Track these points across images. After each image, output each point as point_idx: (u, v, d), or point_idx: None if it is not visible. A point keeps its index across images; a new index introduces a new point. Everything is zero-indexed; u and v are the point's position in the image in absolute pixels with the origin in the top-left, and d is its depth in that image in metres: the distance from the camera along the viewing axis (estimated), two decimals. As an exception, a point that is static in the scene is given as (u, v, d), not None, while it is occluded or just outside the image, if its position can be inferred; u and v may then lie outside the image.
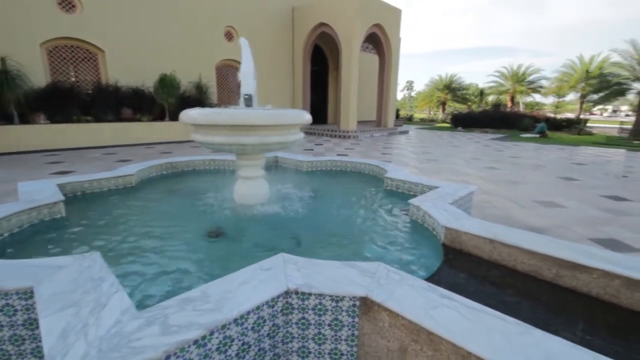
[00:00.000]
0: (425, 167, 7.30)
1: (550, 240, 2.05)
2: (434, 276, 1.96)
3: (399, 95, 63.57)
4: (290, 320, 1.44)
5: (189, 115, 2.73)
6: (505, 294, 1.79)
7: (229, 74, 13.26)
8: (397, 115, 25.14)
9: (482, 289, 1.85)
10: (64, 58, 9.42)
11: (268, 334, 1.38)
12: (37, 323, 1.43)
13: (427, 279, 1.85)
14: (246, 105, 3.21)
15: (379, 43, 15.05)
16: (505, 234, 2.13)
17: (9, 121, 8.11)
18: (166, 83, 10.17)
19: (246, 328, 1.28)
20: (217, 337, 1.19)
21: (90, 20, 9.50)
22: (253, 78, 3.22)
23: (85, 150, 8.73)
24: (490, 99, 32.17)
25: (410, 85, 66.15)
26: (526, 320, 1.24)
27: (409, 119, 32.63)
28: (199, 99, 11.21)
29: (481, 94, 33.40)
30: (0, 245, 2.25)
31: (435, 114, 37.72)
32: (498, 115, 21.49)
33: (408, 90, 66.15)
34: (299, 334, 1.46)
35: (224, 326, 1.20)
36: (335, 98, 17.36)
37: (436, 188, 3.28)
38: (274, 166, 5.31)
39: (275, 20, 14.53)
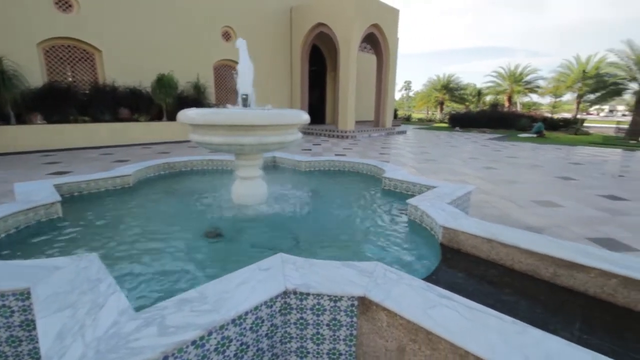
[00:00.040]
0: (423, 167, 7.31)
1: (548, 239, 2.05)
2: (432, 276, 1.96)
3: (397, 95, 63.69)
4: (288, 320, 1.44)
5: (187, 115, 2.72)
6: (503, 293, 1.80)
7: (226, 74, 13.24)
8: (395, 115, 25.16)
9: (480, 288, 1.86)
10: (61, 58, 9.37)
11: (266, 334, 1.38)
12: (34, 324, 1.43)
13: (425, 278, 1.86)
14: (243, 105, 3.21)
15: (377, 43, 15.07)
16: (503, 233, 2.14)
17: (6, 121, 8.07)
18: (164, 83, 10.15)
19: (244, 328, 1.28)
20: (215, 338, 1.18)
21: (87, 20, 9.46)
22: (250, 79, 3.22)
23: (82, 151, 8.69)
24: (488, 99, 32.27)
25: (408, 86, 66.25)
26: (524, 319, 1.25)
27: (407, 119, 32.70)
28: (196, 99, 11.18)
29: (479, 94, 33.48)
30: (-3, 246, 2.23)
31: (433, 114, 37.81)
32: (495, 115, 21.56)
33: (406, 90, 66.27)
34: (298, 334, 1.46)
35: (222, 327, 1.19)
36: (333, 98, 17.38)
37: (434, 188, 3.29)
38: (272, 166, 5.31)
39: (273, 20, 14.52)
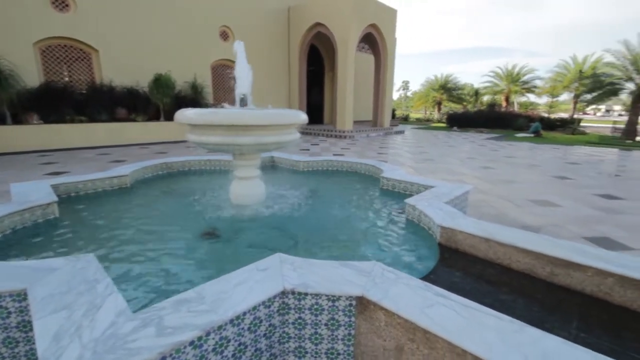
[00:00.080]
0: (421, 167, 7.33)
1: (545, 238, 2.06)
2: (429, 275, 1.97)
3: (395, 95, 63.79)
4: (286, 320, 1.44)
5: (185, 115, 2.72)
6: (500, 292, 1.81)
7: (224, 73, 13.22)
8: (393, 115, 25.24)
9: (478, 287, 1.86)
10: (58, 58, 9.33)
11: (264, 334, 1.38)
12: (31, 325, 1.42)
13: (423, 277, 1.86)
14: (241, 105, 3.21)
15: (375, 43, 15.08)
16: (501, 232, 2.14)
17: (2, 121, 8.02)
18: (161, 83, 10.11)
19: (242, 328, 1.28)
20: (213, 338, 1.18)
21: (84, 20, 9.42)
22: (248, 80, 3.22)
23: (79, 151, 8.65)
24: (486, 99, 32.35)
25: (406, 85, 66.31)
26: (521, 318, 1.25)
27: (405, 119, 32.76)
28: (194, 98, 11.16)
29: (476, 94, 33.57)
30: (-7, 247, 2.22)
31: (431, 113, 37.89)
32: (493, 115, 21.64)
33: (404, 90, 66.33)
34: (296, 334, 1.46)
35: (220, 327, 1.19)
36: (331, 98, 17.38)
37: (432, 187, 3.30)
38: (271, 166, 5.30)
39: (271, 20, 14.51)
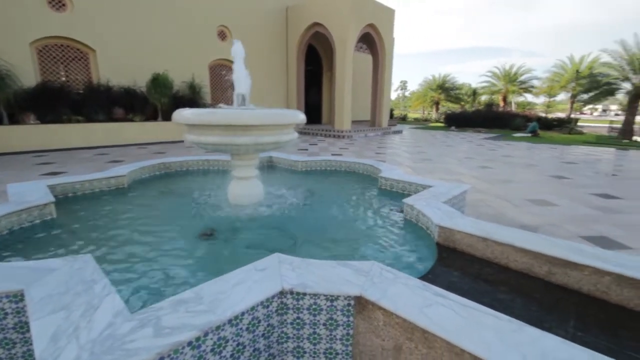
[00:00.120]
0: (419, 167, 7.34)
1: (542, 238, 2.07)
2: (427, 274, 1.97)
3: (393, 95, 63.82)
4: (285, 320, 1.44)
5: (182, 115, 2.71)
6: (498, 291, 1.81)
7: (222, 73, 13.19)
8: (391, 115, 25.27)
9: (476, 286, 1.87)
10: (54, 57, 9.29)
11: (263, 335, 1.38)
12: (28, 326, 1.41)
13: (421, 277, 1.86)
14: (239, 105, 3.20)
15: (373, 43, 15.10)
16: (498, 232, 2.15)
17: (-2, 121, 7.99)
18: (159, 83, 10.09)
19: (241, 329, 1.28)
20: (212, 338, 1.18)
21: (81, 20, 9.38)
22: (246, 80, 3.21)
23: (77, 151, 8.61)
24: (483, 98, 32.45)
25: (404, 85, 66.41)
26: (519, 317, 1.26)
27: (403, 119, 32.82)
28: (192, 98, 11.14)
29: (474, 93, 33.68)
30: (-11, 247, 2.21)
31: (428, 113, 37.97)
32: (491, 115, 21.71)
33: (402, 90, 66.42)
34: (294, 334, 1.46)
35: (218, 327, 1.19)
36: (329, 98, 17.38)
37: (430, 187, 3.30)
38: (269, 166, 5.30)
39: (268, 20, 14.50)
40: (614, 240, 3.24)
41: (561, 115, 26.27)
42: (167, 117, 10.33)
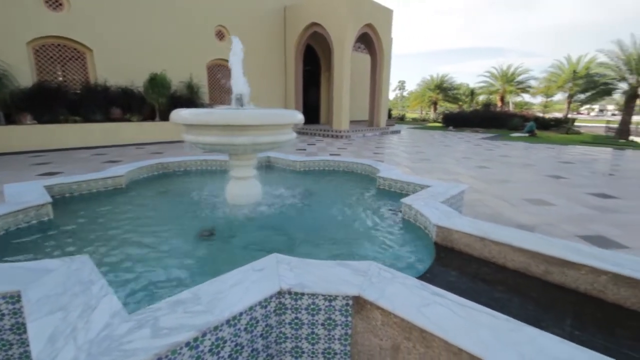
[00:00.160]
0: (417, 167, 7.35)
1: (539, 237, 2.08)
2: (425, 274, 1.98)
3: (391, 95, 63.97)
4: (283, 320, 1.44)
5: (180, 115, 2.70)
6: (496, 290, 1.82)
7: (220, 73, 13.17)
8: (389, 115, 25.30)
9: (473, 286, 1.87)
10: (51, 57, 9.24)
11: (261, 335, 1.38)
12: (25, 327, 1.41)
13: (419, 277, 1.87)
14: (237, 105, 3.19)
15: (371, 43, 15.11)
16: (496, 231, 2.16)
17: (-5, 122, 7.94)
18: (156, 83, 10.05)
19: (239, 329, 1.28)
20: (210, 339, 1.18)
21: (78, 19, 9.34)
22: (243, 78, 3.21)
23: (74, 151, 8.57)
24: (481, 98, 32.55)
25: (402, 85, 66.58)
26: (517, 316, 1.26)
27: (401, 119, 32.87)
28: (190, 98, 11.10)
29: (472, 93, 33.77)
30: (-14, 248, 2.20)
31: (427, 113, 38.02)
32: (488, 115, 21.79)
33: (400, 90, 66.57)
34: (292, 334, 1.46)
35: (216, 327, 1.19)
36: (327, 98, 17.37)
37: (428, 187, 3.31)
38: (267, 166, 5.30)
39: (266, 20, 14.48)
40: (610, 239, 3.26)
41: (558, 115, 26.36)
42: (165, 117, 10.29)
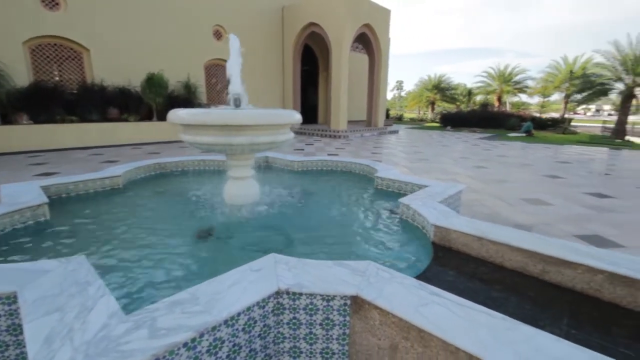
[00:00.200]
0: (415, 167, 7.37)
1: (537, 237, 2.09)
2: (423, 274, 1.98)
3: (389, 95, 64.12)
4: (281, 320, 1.44)
5: (178, 115, 2.69)
6: (493, 290, 1.82)
7: (218, 73, 13.15)
8: (387, 115, 25.32)
9: (471, 285, 1.88)
10: (48, 57, 9.19)
11: (259, 335, 1.38)
12: (21, 329, 1.40)
13: (417, 276, 1.87)
14: (234, 105, 3.19)
15: (369, 43, 15.12)
16: (493, 231, 2.17)
17: (-9, 121, 7.89)
18: (154, 82, 10.02)
19: (237, 329, 1.28)
20: (207, 339, 1.18)
21: (75, 19, 9.30)
22: (241, 77, 3.20)
23: (71, 151, 8.53)
24: (478, 98, 32.66)
25: (400, 85, 66.66)
26: (514, 315, 1.27)
27: (399, 119, 32.95)
28: (187, 98, 11.08)
29: (469, 93, 33.88)
30: (-18, 249, 2.18)
31: (424, 113, 38.12)
32: (486, 115, 21.89)
33: (398, 90, 66.68)
34: (291, 334, 1.46)
35: (214, 328, 1.19)
36: (325, 98, 17.39)
37: (426, 187, 3.32)
38: (265, 166, 5.29)
39: (264, 20, 14.47)
40: (607, 239, 3.28)
41: (555, 115, 26.54)
42: (162, 117, 10.26)
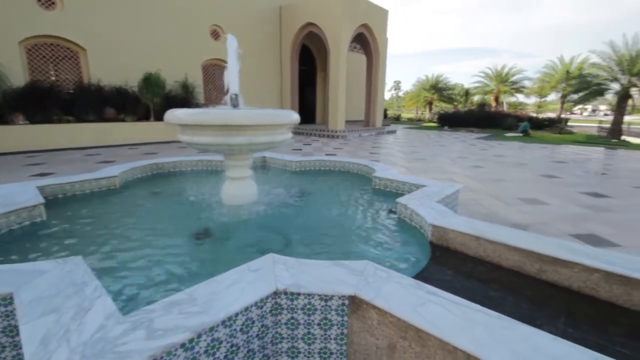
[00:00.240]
0: (413, 166, 7.38)
1: (534, 236, 2.10)
2: (421, 273, 1.98)
3: (387, 95, 64.21)
4: (279, 320, 1.44)
5: (175, 115, 2.68)
6: (490, 289, 1.83)
7: (215, 73, 13.12)
8: (385, 115, 25.40)
9: (469, 285, 1.88)
10: (44, 57, 9.14)
11: (257, 335, 1.38)
12: (17, 330, 1.39)
13: (415, 276, 1.87)
14: (232, 105, 3.18)
15: (367, 43, 15.14)
16: (491, 231, 2.17)
17: (-14, 122, 7.84)
18: (151, 82, 9.99)
19: (235, 330, 1.27)
20: (205, 340, 1.17)
21: (71, 18, 9.25)
22: (238, 78, 3.20)
23: (67, 152, 8.48)
24: (476, 98, 32.78)
25: (397, 85, 66.79)
26: (511, 314, 1.27)
27: (397, 119, 33.02)
28: (185, 98, 11.05)
29: (467, 93, 34.01)
30: (-23, 250, 2.17)
31: (422, 113, 38.22)
32: (483, 115, 21.97)
33: (395, 90, 66.79)
34: (289, 334, 1.45)
35: (211, 328, 1.18)
36: (323, 98, 17.40)
37: (423, 187, 3.32)
38: (263, 166, 5.28)
39: (262, 20, 14.45)
40: (603, 238, 3.30)
41: (552, 115, 26.65)
42: (160, 117, 10.23)
